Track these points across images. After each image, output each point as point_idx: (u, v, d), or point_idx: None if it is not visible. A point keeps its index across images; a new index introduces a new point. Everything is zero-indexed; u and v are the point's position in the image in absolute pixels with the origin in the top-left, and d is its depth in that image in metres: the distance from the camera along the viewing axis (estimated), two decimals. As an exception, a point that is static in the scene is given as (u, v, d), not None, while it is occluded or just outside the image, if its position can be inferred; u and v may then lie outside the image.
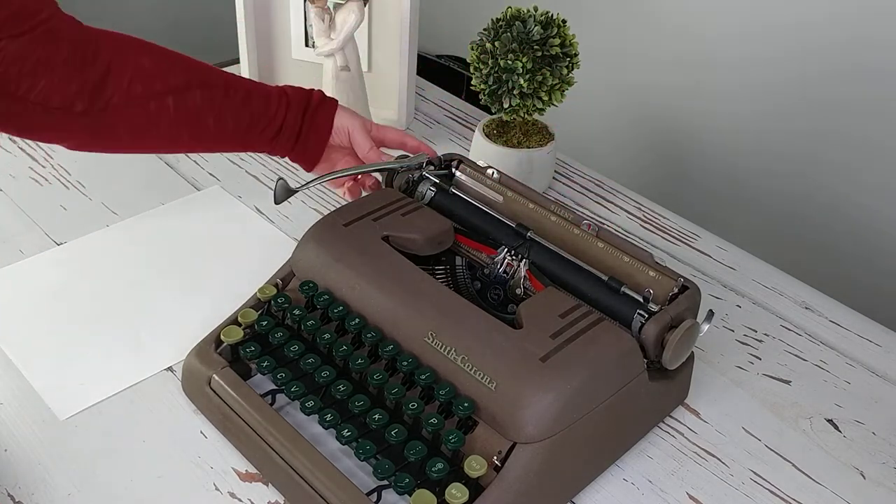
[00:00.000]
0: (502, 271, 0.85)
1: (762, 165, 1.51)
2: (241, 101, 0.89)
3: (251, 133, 0.91)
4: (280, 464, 0.73)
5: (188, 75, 0.86)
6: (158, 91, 0.84)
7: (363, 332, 0.77)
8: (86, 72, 0.80)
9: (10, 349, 0.87)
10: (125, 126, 0.84)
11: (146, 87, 0.83)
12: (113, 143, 0.86)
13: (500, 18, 1.07)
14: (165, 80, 0.85)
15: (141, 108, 0.84)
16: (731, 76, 1.50)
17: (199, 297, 0.95)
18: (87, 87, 0.80)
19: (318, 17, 1.16)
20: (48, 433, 0.79)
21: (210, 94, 0.87)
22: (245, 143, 0.92)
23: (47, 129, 0.82)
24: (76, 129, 0.82)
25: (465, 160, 0.95)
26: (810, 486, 0.79)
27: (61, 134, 0.83)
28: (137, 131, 0.85)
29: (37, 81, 0.78)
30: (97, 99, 0.81)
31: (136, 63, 0.83)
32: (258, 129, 0.91)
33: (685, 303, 0.79)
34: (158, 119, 0.85)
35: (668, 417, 0.84)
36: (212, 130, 0.89)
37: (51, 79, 0.78)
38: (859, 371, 0.91)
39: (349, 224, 0.85)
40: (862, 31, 1.30)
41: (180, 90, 0.85)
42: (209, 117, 0.88)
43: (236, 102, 0.89)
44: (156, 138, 0.87)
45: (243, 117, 0.90)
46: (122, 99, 0.82)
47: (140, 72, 0.83)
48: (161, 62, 0.85)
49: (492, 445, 0.70)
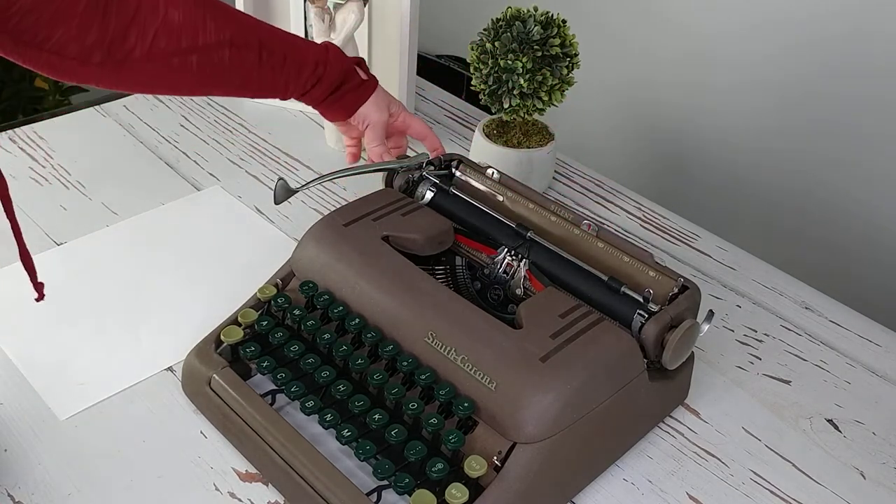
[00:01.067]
0: (502, 271, 0.85)
1: (762, 163, 1.50)
2: (272, 67, 0.87)
3: (275, 92, 0.91)
4: (280, 464, 0.73)
5: (220, 33, 0.83)
6: (184, 48, 0.81)
7: (363, 332, 0.77)
8: (107, 23, 0.77)
9: (10, 349, 0.87)
10: (144, 78, 0.82)
11: (171, 43, 0.80)
12: (130, 89, 0.85)
13: (500, 18, 1.07)
14: (194, 36, 0.81)
15: (162, 64, 0.81)
16: (731, 74, 1.50)
17: (199, 297, 0.95)
18: (105, 38, 0.77)
19: (318, 17, 1.16)
20: (48, 433, 0.79)
21: (240, 56, 0.85)
22: (267, 96, 0.92)
23: (66, 74, 0.79)
24: (93, 77, 0.80)
25: (465, 160, 0.95)
26: (810, 486, 0.79)
27: (80, 79, 0.80)
28: (156, 83, 0.84)
29: (53, 31, 0.75)
30: (116, 51, 0.78)
31: (164, 16, 0.80)
32: (282, 92, 0.91)
33: (685, 303, 0.79)
34: (180, 74, 0.83)
35: (668, 417, 0.84)
36: (235, 86, 0.87)
37: (67, 29, 0.75)
38: (859, 371, 0.91)
39: (349, 224, 0.85)
40: (862, 26, 1.30)
41: (208, 49, 0.83)
42: (235, 77, 0.86)
43: (267, 67, 0.87)
44: (174, 89, 0.86)
45: (269, 81, 0.88)
46: (143, 53, 0.79)
47: (167, 26, 0.80)
48: (193, 17, 0.81)
49: (492, 445, 0.70)
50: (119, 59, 0.79)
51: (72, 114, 1.27)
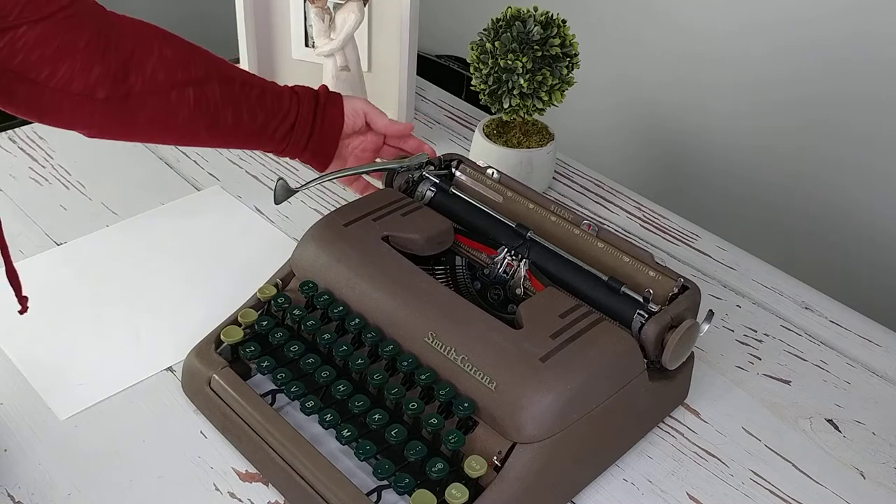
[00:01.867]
0: (502, 271, 0.85)
1: (763, 163, 1.50)
2: (256, 98, 0.90)
3: (266, 129, 0.92)
4: (280, 464, 0.73)
5: (207, 68, 0.86)
6: (180, 81, 0.84)
7: (363, 332, 0.77)
8: (108, 58, 0.79)
9: (10, 349, 0.87)
10: (146, 115, 0.84)
11: (168, 76, 0.83)
12: (131, 131, 0.85)
13: (500, 18, 1.07)
14: (187, 70, 0.84)
15: (163, 98, 0.83)
16: (731, 74, 1.50)
17: (199, 297, 0.95)
18: (109, 73, 0.79)
19: (318, 17, 1.16)
20: (48, 433, 0.79)
21: (228, 89, 0.87)
22: (260, 140, 0.92)
23: (67, 114, 0.80)
24: (97, 116, 0.81)
25: (465, 160, 0.95)
26: (810, 486, 0.79)
27: (82, 120, 0.82)
28: (157, 121, 0.85)
29: (57, 68, 0.76)
30: (120, 86, 0.80)
31: (159, 51, 0.82)
32: (273, 126, 0.92)
33: (685, 303, 0.79)
34: (178, 109, 0.85)
35: (668, 417, 0.84)
36: (229, 124, 0.89)
37: (72, 65, 0.77)
38: (859, 371, 0.91)
39: (349, 224, 0.85)
40: (863, 25, 1.30)
41: (200, 82, 0.85)
42: (227, 111, 0.88)
43: (252, 98, 0.89)
44: (174, 129, 0.87)
45: (258, 113, 0.90)
46: (145, 87, 0.82)
47: (163, 60, 0.83)
48: (182, 52, 0.85)
49: (492, 445, 0.70)
50: (122, 95, 0.80)
51: (72, 114, 1.27)
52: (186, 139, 0.90)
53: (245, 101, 0.89)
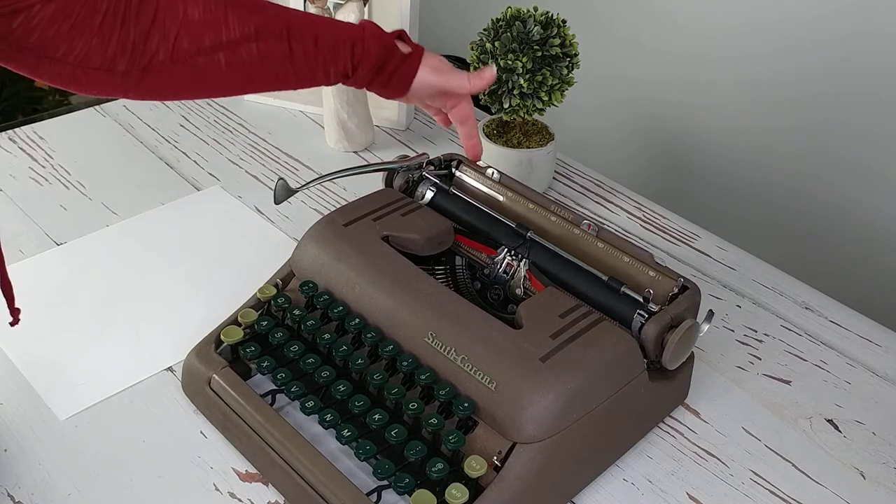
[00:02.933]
0: (502, 271, 0.85)
1: (763, 163, 1.50)
2: (304, 54, 0.82)
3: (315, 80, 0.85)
4: (280, 464, 0.73)
5: (244, 26, 0.79)
6: (207, 46, 0.78)
7: (363, 332, 0.77)
8: (126, 30, 0.75)
9: (10, 349, 0.87)
10: (172, 82, 0.79)
11: (194, 43, 0.77)
12: (160, 96, 0.82)
13: (500, 18, 1.07)
14: (216, 33, 0.78)
15: (188, 65, 0.78)
16: (731, 74, 1.50)
17: (199, 297, 0.95)
18: (127, 46, 0.75)
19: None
20: (48, 433, 0.79)
21: (268, 46, 0.80)
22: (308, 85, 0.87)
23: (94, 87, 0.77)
24: (122, 87, 0.78)
25: (465, 160, 0.95)
26: (810, 486, 0.79)
27: (110, 91, 0.78)
28: (186, 85, 0.81)
29: (74, 44, 0.73)
30: (139, 58, 0.76)
31: (184, 15, 0.77)
32: (323, 79, 0.85)
33: (685, 303, 0.79)
34: (208, 73, 0.80)
35: (668, 417, 0.84)
36: (269, 79, 0.83)
37: (88, 40, 0.73)
38: (859, 371, 0.91)
39: (349, 224, 0.85)
40: (864, 25, 1.30)
41: (233, 44, 0.79)
42: (267, 69, 0.82)
43: (299, 56, 0.82)
44: (206, 90, 0.83)
45: (305, 71, 0.83)
46: (167, 56, 0.77)
47: (188, 25, 0.77)
48: (214, 12, 0.78)
49: (492, 445, 0.70)
50: (143, 66, 0.77)
51: (72, 114, 1.27)
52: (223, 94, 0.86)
53: (290, 59, 0.82)
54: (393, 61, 0.86)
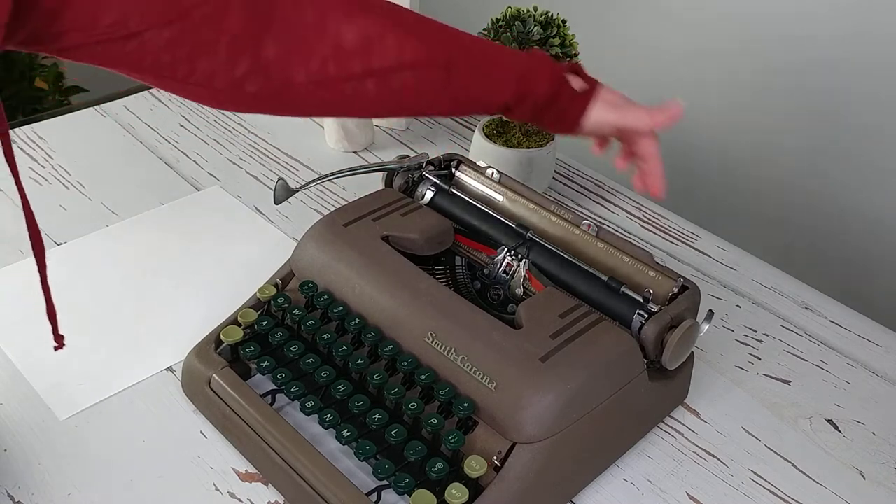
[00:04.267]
0: (502, 271, 0.85)
1: (763, 164, 1.50)
2: (463, 86, 0.74)
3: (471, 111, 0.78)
4: (280, 464, 0.73)
5: (401, 54, 0.70)
6: (358, 73, 0.70)
7: (363, 332, 0.77)
8: (261, 51, 0.67)
9: (10, 349, 0.87)
10: (308, 105, 0.72)
11: (342, 68, 0.69)
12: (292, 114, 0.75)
13: (500, 18, 1.07)
14: (369, 58, 0.70)
15: (331, 90, 0.70)
16: (731, 74, 1.50)
17: (199, 297, 0.95)
18: (260, 68, 0.67)
19: (318, 17, 1.15)
20: (48, 433, 0.79)
21: (426, 76, 0.72)
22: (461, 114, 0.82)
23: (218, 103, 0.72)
24: (250, 106, 0.71)
25: (465, 160, 0.95)
26: (810, 486, 0.79)
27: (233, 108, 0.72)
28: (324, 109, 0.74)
29: (195, 66, 0.66)
30: (275, 80, 0.68)
31: (335, 37, 0.68)
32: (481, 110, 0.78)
33: (685, 303, 0.79)
34: (352, 100, 0.72)
35: (668, 417, 0.84)
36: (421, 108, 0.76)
37: (212, 62, 0.66)
38: (859, 371, 0.91)
39: (349, 224, 0.85)
40: (868, 23, 1.30)
41: (387, 71, 0.70)
42: (420, 99, 0.74)
43: (457, 87, 0.74)
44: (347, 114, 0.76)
45: (461, 101, 0.76)
46: (308, 79, 0.69)
47: (338, 49, 0.69)
48: (370, 35, 0.69)
49: (492, 445, 0.70)
50: (278, 88, 0.69)
51: (72, 114, 1.27)
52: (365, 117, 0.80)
53: (446, 89, 0.73)
54: (563, 99, 0.77)
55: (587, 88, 0.79)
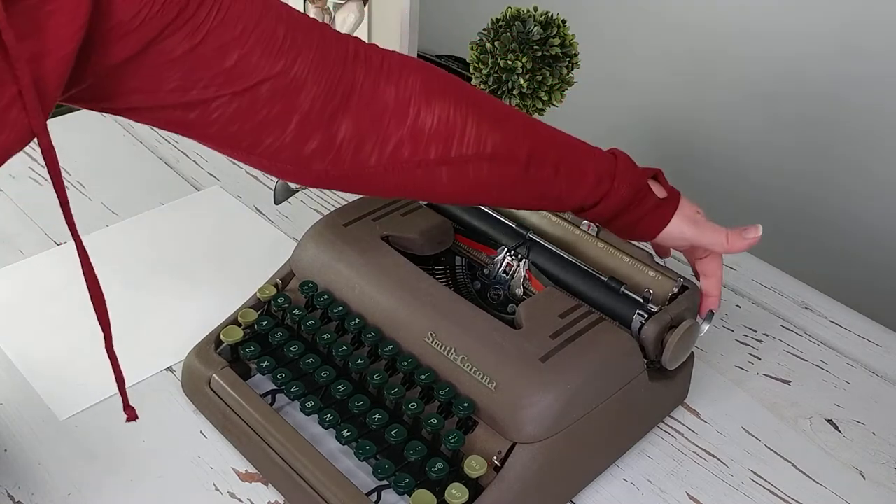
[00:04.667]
0: (502, 271, 0.85)
1: (763, 164, 1.50)
2: (540, 181, 0.70)
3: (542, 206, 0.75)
4: (280, 464, 0.73)
5: (481, 144, 0.67)
6: (432, 160, 0.66)
7: (363, 332, 0.77)
8: (335, 130, 0.64)
9: (10, 349, 0.87)
10: (375, 186, 0.68)
11: (416, 154, 0.66)
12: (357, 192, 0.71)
13: (500, 18, 1.07)
14: (447, 146, 0.66)
15: (402, 175, 0.67)
16: (731, 76, 1.50)
17: (199, 297, 0.95)
18: (331, 148, 0.64)
19: (317, 16, 1.16)
20: (48, 433, 0.79)
21: (502, 171, 0.69)
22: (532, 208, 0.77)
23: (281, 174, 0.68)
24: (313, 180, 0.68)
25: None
26: (810, 486, 0.79)
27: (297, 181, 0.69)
28: (391, 191, 0.70)
29: (261, 139, 0.63)
30: (344, 160, 0.65)
31: (414, 121, 0.65)
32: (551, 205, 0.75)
33: (685, 303, 0.79)
34: (423, 185, 0.68)
35: (668, 417, 0.84)
36: (492, 198, 0.73)
37: (279, 138, 0.63)
38: (859, 371, 0.91)
39: (349, 224, 0.85)
40: (867, 27, 1.30)
41: (463, 160, 0.67)
42: (492, 191, 0.70)
43: (534, 182, 0.70)
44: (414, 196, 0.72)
45: (536, 196, 0.72)
46: (380, 163, 0.66)
47: (415, 133, 0.65)
48: (451, 122, 0.66)
49: (492, 445, 0.70)
50: (346, 169, 0.66)
51: (72, 114, 1.27)
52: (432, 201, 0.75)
53: (522, 183, 0.70)
54: (644, 206, 0.74)
55: (667, 197, 0.76)
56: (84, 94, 0.59)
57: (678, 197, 0.77)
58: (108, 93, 0.60)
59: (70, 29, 0.52)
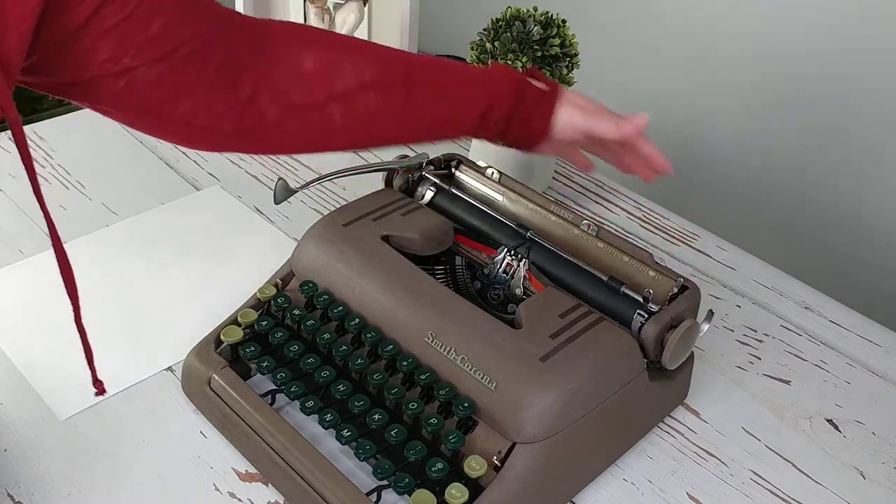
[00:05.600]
0: (502, 271, 0.85)
1: (762, 165, 1.51)
2: (425, 101, 0.76)
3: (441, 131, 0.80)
4: (280, 464, 0.73)
5: (359, 75, 0.74)
6: (320, 100, 0.73)
7: (363, 332, 0.77)
8: (236, 89, 0.71)
9: (10, 349, 0.87)
10: (283, 140, 0.75)
11: (306, 96, 0.73)
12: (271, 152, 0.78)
13: (500, 18, 1.07)
14: (330, 84, 0.74)
15: (301, 120, 0.74)
16: (731, 77, 1.50)
17: (199, 297, 0.95)
18: (236, 105, 0.72)
19: (317, 17, 1.16)
20: (48, 433, 0.79)
21: (387, 97, 0.75)
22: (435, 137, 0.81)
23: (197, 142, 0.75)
24: (226, 144, 0.76)
25: (465, 160, 0.95)
26: (810, 486, 0.79)
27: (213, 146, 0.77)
28: (298, 143, 0.76)
29: (178, 104, 0.70)
30: (248, 116, 0.72)
31: (295, 67, 0.73)
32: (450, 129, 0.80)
33: (685, 303, 0.79)
34: (322, 128, 0.75)
35: (668, 417, 0.84)
36: (391, 134, 0.78)
37: (193, 102, 0.70)
38: (859, 371, 0.91)
39: (349, 224, 0.85)
40: (866, 31, 1.30)
41: (348, 95, 0.74)
42: (387, 122, 0.76)
43: (419, 103, 0.76)
44: (324, 145, 0.77)
45: (429, 119, 0.78)
46: (278, 112, 0.73)
47: (300, 78, 0.73)
48: (328, 62, 0.74)
49: (492, 445, 0.70)
50: (251, 126, 0.73)
51: (72, 114, 1.27)
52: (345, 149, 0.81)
53: (410, 107, 0.76)
54: (528, 102, 0.78)
55: (549, 90, 0.80)
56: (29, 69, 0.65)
57: (558, 86, 0.81)
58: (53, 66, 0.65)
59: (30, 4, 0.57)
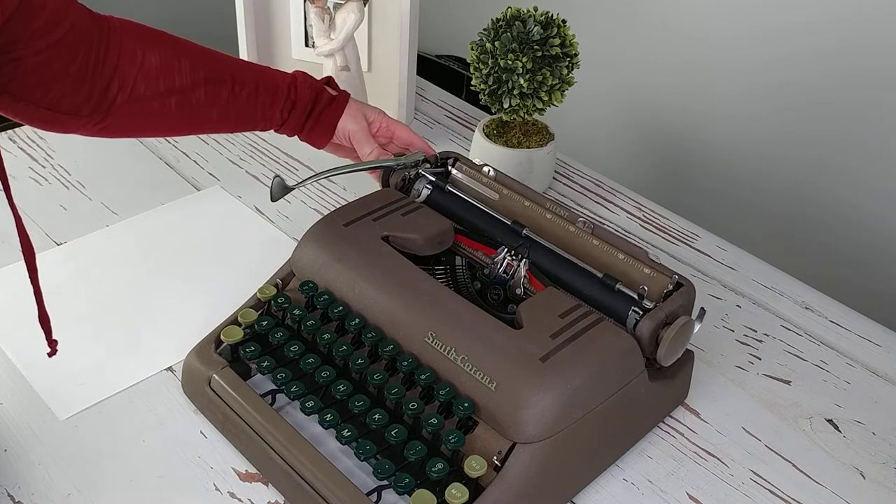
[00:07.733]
0: (502, 271, 0.85)
1: (762, 166, 1.51)
2: (246, 97, 0.91)
3: (253, 123, 0.95)
4: (280, 464, 0.73)
5: (194, 73, 0.87)
6: (161, 91, 0.86)
7: (363, 332, 0.77)
8: (95, 77, 0.81)
9: (10, 349, 0.87)
10: (127, 123, 0.87)
11: (149, 88, 0.85)
12: (117, 135, 0.89)
13: (500, 18, 1.07)
14: (170, 79, 0.86)
15: (143, 107, 0.85)
16: (731, 78, 1.50)
17: (199, 297, 0.95)
18: (94, 92, 0.82)
19: (318, 17, 1.16)
20: (48, 433, 0.79)
21: (215, 91, 0.89)
22: (247, 128, 0.96)
23: (59, 126, 0.84)
24: (83, 128, 0.85)
25: (462, 158, 0.95)
26: (810, 486, 0.79)
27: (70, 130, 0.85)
28: (139, 127, 0.88)
29: (50, 90, 0.79)
30: (102, 102, 0.83)
31: (142, 61, 0.84)
32: (261, 122, 0.94)
33: (680, 300, 0.79)
34: (160, 116, 0.87)
35: (668, 417, 0.84)
36: (214, 122, 0.91)
37: (63, 86, 0.79)
38: (859, 371, 0.91)
39: (349, 224, 0.85)
40: (865, 35, 1.30)
41: (184, 90, 0.87)
42: (212, 112, 0.90)
43: (241, 98, 0.91)
44: (156, 130, 0.91)
45: (245, 113, 0.92)
46: (125, 99, 0.84)
47: (145, 71, 0.84)
48: (168, 59, 0.86)
49: (492, 445, 0.70)
50: (105, 110, 0.83)
51: (72, 114, 1.27)
52: (171, 134, 0.94)
53: (233, 102, 0.90)
54: (322, 102, 0.95)
55: (340, 95, 0.97)
56: None
57: (347, 95, 0.98)
58: None
59: None
